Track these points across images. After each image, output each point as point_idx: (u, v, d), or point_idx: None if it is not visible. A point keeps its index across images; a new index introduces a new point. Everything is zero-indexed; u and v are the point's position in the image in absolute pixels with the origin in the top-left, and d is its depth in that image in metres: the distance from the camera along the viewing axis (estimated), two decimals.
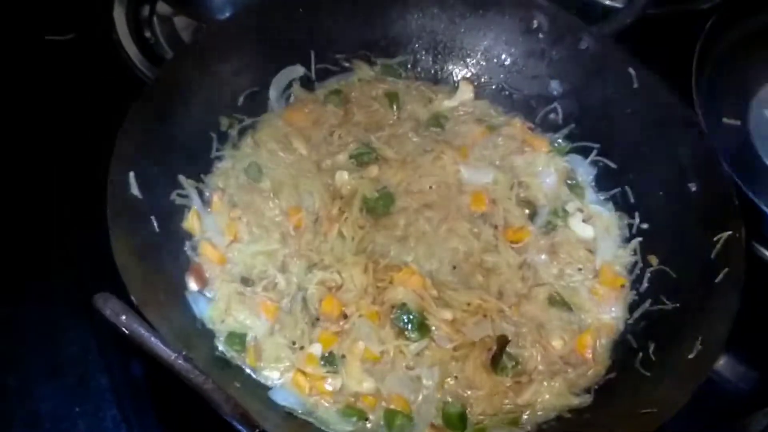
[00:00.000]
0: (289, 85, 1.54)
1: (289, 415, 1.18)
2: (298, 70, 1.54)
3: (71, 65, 1.65)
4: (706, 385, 1.11)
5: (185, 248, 1.33)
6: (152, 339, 0.83)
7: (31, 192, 1.47)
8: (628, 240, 1.42)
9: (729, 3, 1.62)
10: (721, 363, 1.39)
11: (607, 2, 1.87)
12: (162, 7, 1.76)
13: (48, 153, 1.52)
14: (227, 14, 1.49)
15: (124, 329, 0.82)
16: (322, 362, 1.23)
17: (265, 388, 1.21)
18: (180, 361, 0.82)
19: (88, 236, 1.35)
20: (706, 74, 1.59)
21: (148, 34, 1.74)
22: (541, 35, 1.54)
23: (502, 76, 1.60)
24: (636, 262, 1.39)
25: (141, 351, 0.87)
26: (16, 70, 1.63)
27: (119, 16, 1.73)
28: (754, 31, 1.71)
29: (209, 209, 1.38)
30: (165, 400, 1.26)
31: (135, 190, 1.25)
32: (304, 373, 1.22)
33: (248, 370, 1.23)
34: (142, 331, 0.83)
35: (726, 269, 1.22)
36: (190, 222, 1.35)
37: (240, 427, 0.88)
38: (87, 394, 1.26)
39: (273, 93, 1.52)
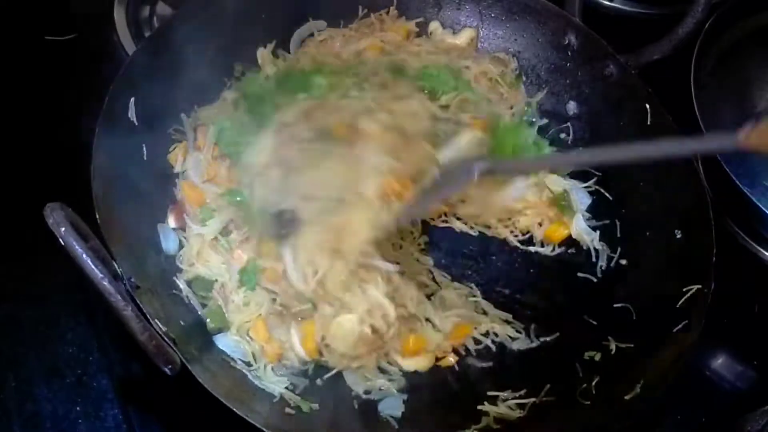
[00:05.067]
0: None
1: (225, 362, 1.18)
2: (321, 25, 1.55)
3: (71, 66, 1.63)
4: (704, 384, 1.10)
5: (169, 183, 1.34)
6: (83, 256, 0.83)
7: (30, 192, 1.41)
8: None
9: (729, 3, 1.58)
10: (720, 362, 1.39)
11: (606, 2, 1.85)
12: (162, 8, 1.75)
13: (47, 153, 1.50)
14: None
15: (60, 241, 0.84)
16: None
17: (208, 334, 1.22)
18: (105, 283, 0.83)
19: None
20: (705, 73, 1.55)
21: (148, 35, 1.71)
22: (570, 53, 1.53)
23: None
24: None
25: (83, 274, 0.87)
26: (16, 71, 1.60)
27: (119, 16, 1.69)
28: (754, 31, 1.66)
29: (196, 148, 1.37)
30: (167, 401, 1.25)
31: (132, 115, 1.26)
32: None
33: (199, 312, 1.23)
34: (76, 247, 0.84)
35: (685, 321, 1.20)
36: (174, 155, 1.35)
37: (156, 361, 0.88)
38: (87, 394, 1.25)
39: (293, 44, 1.54)
